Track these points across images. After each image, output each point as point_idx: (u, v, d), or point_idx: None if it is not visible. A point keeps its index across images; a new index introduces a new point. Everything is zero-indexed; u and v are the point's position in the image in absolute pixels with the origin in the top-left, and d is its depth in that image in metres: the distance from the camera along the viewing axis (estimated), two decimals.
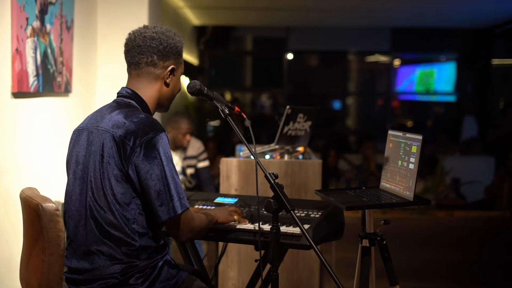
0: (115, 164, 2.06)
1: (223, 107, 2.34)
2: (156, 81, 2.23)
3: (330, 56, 12.18)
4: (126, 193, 2.06)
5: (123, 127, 2.08)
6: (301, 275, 3.57)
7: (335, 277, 2.01)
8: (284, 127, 3.50)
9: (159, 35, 2.21)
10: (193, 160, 4.92)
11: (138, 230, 2.08)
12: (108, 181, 2.06)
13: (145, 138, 2.05)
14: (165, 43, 2.21)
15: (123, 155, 2.05)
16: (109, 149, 2.07)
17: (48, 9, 3.60)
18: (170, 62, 2.23)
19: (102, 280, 2.07)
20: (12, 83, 3.15)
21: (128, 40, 2.24)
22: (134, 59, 2.22)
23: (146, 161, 2.03)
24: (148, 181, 2.04)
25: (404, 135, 2.45)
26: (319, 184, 3.55)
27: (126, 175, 2.06)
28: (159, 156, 2.05)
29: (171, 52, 2.23)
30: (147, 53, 2.19)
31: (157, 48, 2.20)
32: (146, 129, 2.07)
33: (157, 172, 2.04)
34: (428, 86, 12.03)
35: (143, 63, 2.21)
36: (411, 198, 2.34)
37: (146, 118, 2.12)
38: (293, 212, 2.12)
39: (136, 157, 2.04)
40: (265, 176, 2.19)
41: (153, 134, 2.06)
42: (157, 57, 2.20)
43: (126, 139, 2.05)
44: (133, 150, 2.04)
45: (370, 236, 2.45)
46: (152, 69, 2.21)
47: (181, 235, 2.15)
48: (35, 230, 2.04)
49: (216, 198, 2.81)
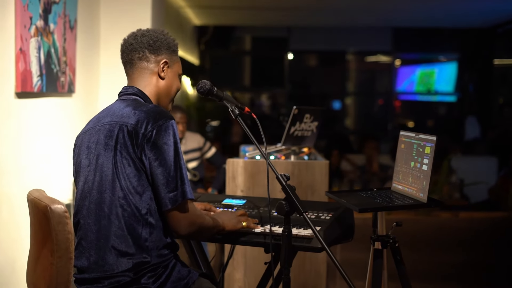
0: (128, 153, 2.06)
1: (234, 108, 2.32)
2: (151, 76, 2.25)
3: (331, 56, 12.16)
4: (140, 182, 2.06)
5: (134, 116, 2.10)
6: (307, 277, 3.53)
7: (348, 279, 1.98)
8: (291, 127, 3.47)
9: (149, 33, 2.27)
10: (195, 153, 4.89)
11: (151, 221, 2.07)
12: (122, 173, 2.06)
13: (156, 124, 2.06)
14: (155, 38, 2.25)
15: (135, 142, 2.06)
16: (121, 139, 2.08)
17: (52, 8, 3.56)
18: (162, 56, 2.26)
19: (112, 278, 2.04)
20: (16, 83, 3.11)
21: (122, 43, 2.30)
22: (127, 57, 2.26)
23: (156, 147, 2.05)
24: (158, 168, 2.04)
25: (417, 135, 2.41)
26: (326, 185, 3.51)
27: (140, 163, 2.06)
28: (169, 142, 2.06)
29: (162, 46, 2.26)
30: (139, 48, 2.24)
31: (148, 43, 2.24)
32: (156, 116, 2.09)
33: (168, 158, 2.05)
34: (428, 86, 12.01)
35: (135, 58, 2.25)
36: (424, 200, 2.30)
37: (155, 107, 2.15)
38: (305, 215, 2.09)
39: (147, 143, 2.05)
40: (277, 178, 2.15)
41: (163, 120, 2.08)
42: (148, 51, 2.24)
43: (137, 126, 2.07)
44: (145, 136, 2.05)
45: (383, 238, 2.41)
46: (145, 63, 2.24)
47: (182, 227, 2.10)
48: (43, 232, 2.00)
49: (224, 199, 2.77)
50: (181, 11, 8.84)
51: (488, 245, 6.06)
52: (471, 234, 6.23)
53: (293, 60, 11.59)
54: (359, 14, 9.53)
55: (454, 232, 6.29)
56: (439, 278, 5.16)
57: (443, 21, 10.29)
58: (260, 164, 3.51)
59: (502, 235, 6.25)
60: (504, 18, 9.81)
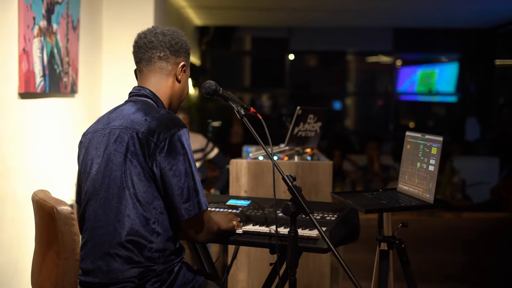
0: (138, 162, 2.03)
1: (239, 108, 2.31)
2: (168, 77, 2.21)
3: (331, 57, 12.15)
4: (148, 191, 2.03)
5: (145, 123, 2.05)
6: (311, 278, 3.52)
7: (354, 280, 1.97)
8: (294, 128, 3.46)
9: (170, 32, 2.22)
10: (198, 154, 4.88)
11: (158, 230, 2.05)
12: (130, 180, 2.03)
13: (168, 134, 2.03)
14: (176, 39, 2.21)
15: (146, 151, 2.02)
16: (131, 147, 2.04)
17: (55, 8, 3.55)
18: (181, 59, 2.23)
19: (118, 284, 2.02)
20: (19, 84, 3.10)
21: (138, 38, 2.23)
22: (146, 54, 2.19)
23: (170, 157, 2.02)
24: (172, 178, 2.02)
25: (424, 136, 2.40)
26: (330, 185, 3.50)
27: (150, 172, 2.03)
28: (183, 151, 2.03)
29: (182, 49, 2.23)
30: (160, 47, 2.18)
31: (170, 43, 2.19)
32: (169, 124, 2.05)
33: (182, 168, 2.02)
34: (429, 87, 12.00)
35: (155, 57, 2.19)
36: (431, 201, 2.29)
37: (167, 114, 2.10)
38: (312, 216, 2.08)
39: (160, 153, 2.02)
40: (283, 178, 2.14)
41: (176, 129, 2.04)
42: (170, 52, 2.19)
43: (149, 135, 2.03)
44: (157, 146, 2.02)
45: (389, 239, 2.40)
46: (164, 64, 2.20)
47: (200, 235, 2.13)
48: (49, 233, 1.99)
49: (228, 200, 2.76)
50: (182, 11, 8.83)
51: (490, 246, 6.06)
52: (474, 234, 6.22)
53: (294, 60, 11.58)
54: (360, 14, 9.52)
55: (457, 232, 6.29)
56: (441, 278, 5.15)
57: (444, 22, 10.29)
58: (263, 165, 3.50)
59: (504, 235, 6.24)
60: (506, 19, 9.79)
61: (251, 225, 2.45)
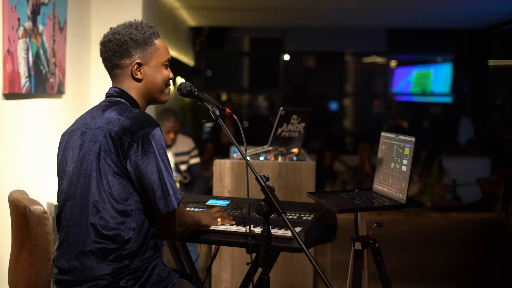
0: (112, 161, 2.07)
1: (214, 109, 2.34)
2: (129, 79, 2.24)
3: (327, 57, 12.18)
4: (123, 189, 2.08)
5: (119, 123, 2.09)
6: (294, 278, 3.54)
7: (326, 280, 1.99)
8: (278, 128, 3.48)
9: (115, 36, 2.22)
10: (185, 156, 4.88)
11: (133, 227, 2.09)
12: (105, 179, 2.07)
13: (142, 133, 2.07)
14: (119, 42, 2.21)
15: (120, 150, 2.07)
16: (105, 146, 2.08)
17: (41, 9, 3.57)
18: (134, 57, 2.22)
19: (91, 281, 2.05)
20: (4, 84, 3.12)
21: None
22: (104, 63, 2.28)
23: (144, 155, 2.06)
24: (146, 175, 2.07)
25: (397, 137, 2.43)
26: (312, 186, 3.52)
27: (125, 170, 2.07)
28: (155, 150, 2.08)
29: (130, 47, 2.21)
30: (109, 58, 2.24)
31: (114, 49, 2.22)
32: (142, 123, 2.09)
33: (155, 165, 2.07)
34: (424, 87, 12.02)
35: (110, 66, 2.26)
36: (403, 201, 2.32)
37: (141, 113, 2.14)
38: (284, 215, 2.10)
39: (134, 152, 2.06)
40: (256, 178, 2.17)
41: (149, 128, 2.08)
42: (117, 59, 2.22)
43: (123, 134, 2.07)
44: (131, 145, 2.06)
45: (363, 239, 2.43)
46: (119, 70, 2.24)
47: (175, 228, 2.19)
48: (22, 233, 2.01)
49: (208, 200, 2.79)
50: (176, 12, 8.85)
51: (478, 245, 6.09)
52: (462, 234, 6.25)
53: (289, 61, 11.60)
54: (355, 15, 9.54)
55: (445, 233, 6.31)
56: (431, 278, 5.17)
57: (439, 22, 10.31)
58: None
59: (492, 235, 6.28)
60: (499, 19, 9.83)
61: (228, 225, 2.47)
